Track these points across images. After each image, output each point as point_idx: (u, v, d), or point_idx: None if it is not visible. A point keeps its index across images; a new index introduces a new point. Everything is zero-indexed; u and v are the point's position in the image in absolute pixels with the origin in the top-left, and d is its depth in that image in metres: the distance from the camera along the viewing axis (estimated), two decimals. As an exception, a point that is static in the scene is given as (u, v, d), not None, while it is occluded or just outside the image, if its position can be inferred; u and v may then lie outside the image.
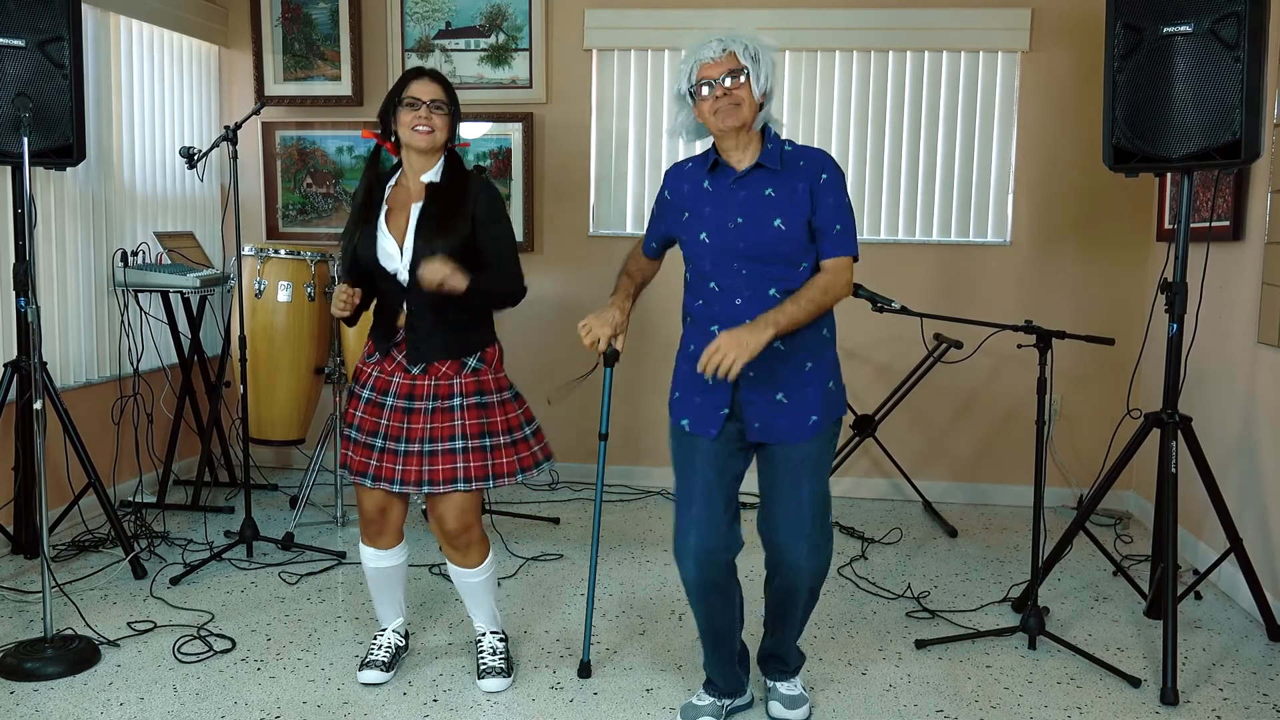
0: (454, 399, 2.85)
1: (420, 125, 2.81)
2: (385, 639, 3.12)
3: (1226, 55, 3.00)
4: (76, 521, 4.21)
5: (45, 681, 2.98)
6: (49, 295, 4.21)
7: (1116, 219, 4.84)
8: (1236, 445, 3.82)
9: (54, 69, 3.49)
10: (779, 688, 2.88)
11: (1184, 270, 3.25)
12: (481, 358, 2.90)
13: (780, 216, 2.54)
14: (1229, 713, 2.93)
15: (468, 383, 2.86)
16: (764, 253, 2.55)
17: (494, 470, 2.86)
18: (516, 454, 2.91)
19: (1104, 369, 4.88)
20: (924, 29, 4.82)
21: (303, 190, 5.28)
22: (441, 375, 2.86)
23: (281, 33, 5.19)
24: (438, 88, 2.85)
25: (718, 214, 2.59)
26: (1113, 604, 3.72)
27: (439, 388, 2.85)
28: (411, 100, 2.82)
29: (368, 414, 2.90)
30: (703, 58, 2.53)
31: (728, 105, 2.51)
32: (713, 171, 2.63)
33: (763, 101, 2.58)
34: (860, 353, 5.02)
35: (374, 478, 2.86)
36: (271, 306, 4.34)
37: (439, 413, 2.84)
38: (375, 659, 3.06)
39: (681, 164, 2.75)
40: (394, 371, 2.88)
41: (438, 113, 2.83)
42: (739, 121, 2.53)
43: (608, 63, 5.05)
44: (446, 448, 2.83)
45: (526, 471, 2.93)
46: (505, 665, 3.04)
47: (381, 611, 3.14)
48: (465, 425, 2.84)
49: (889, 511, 4.86)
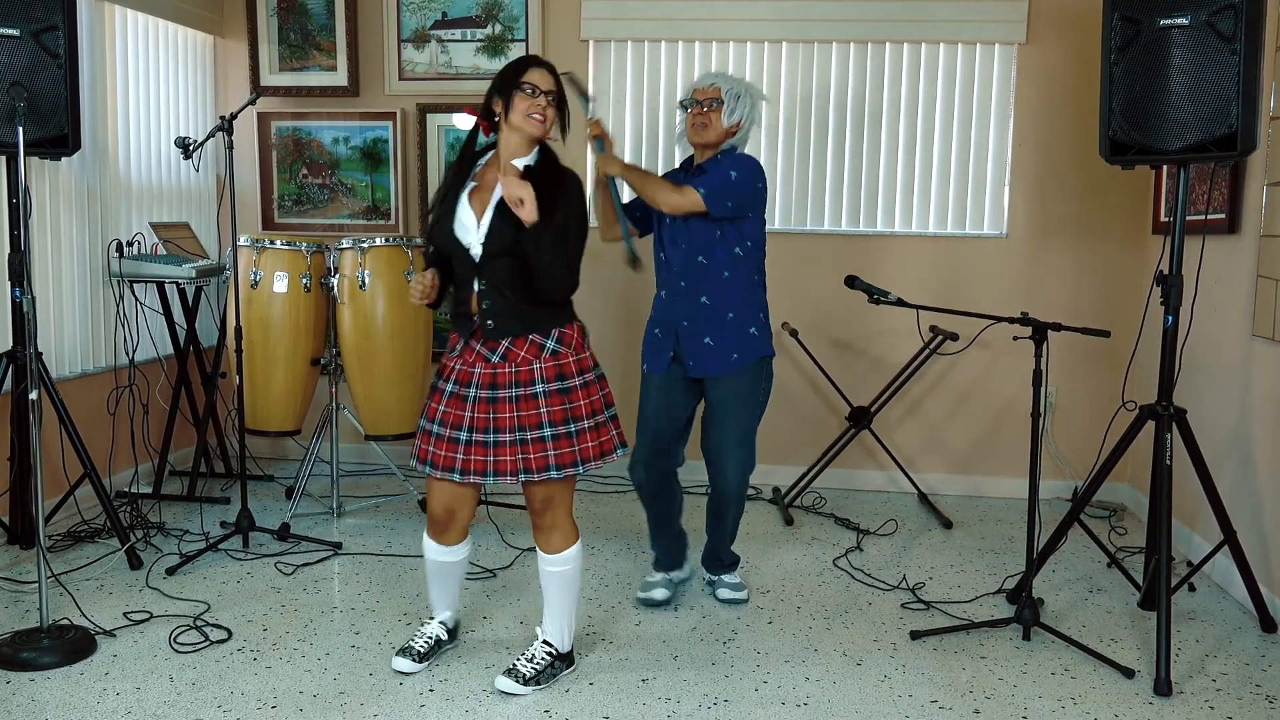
0: (536, 385, 2.84)
1: (535, 114, 2.83)
2: (430, 629, 3.12)
3: (1223, 48, 3.00)
4: (72, 512, 4.20)
5: (41, 671, 2.99)
6: (44, 285, 4.21)
7: (1112, 211, 4.85)
8: (1231, 437, 3.83)
9: (49, 58, 3.48)
10: (722, 578, 3.63)
11: (1179, 263, 3.25)
12: (560, 339, 2.88)
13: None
14: (1222, 703, 2.94)
15: (548, 368, 2.85)
16: (692, 229, 3.40)
17: (580, 455, 2.86)
18: (599, 438, 2.90)
19: (1099, 361, 4.89)
20: (920, 21, 4.82)
21: (299, 181, 5.28)
22: (521, 361, 2.84)
23: (277, 23, 5.18)
24: (553, 80, 2.87)
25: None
26: (1107, 595, 3.73)
27: (520, 374, 2.84)
28: (531, 87, 2.83)
29: (451, 408, 2.88)
30: (699, 84, 3.43)
31: (699, 123, 3.39)
32: (687, 172, 3.49)
33: (734, 131, 3.40)
34: (856, 345, 5.02)
35: (461, 471, 2.84)
36: (267, 297, 4.33)
37: (523, 400, 2.83)
38: (412, 647, 3.06)
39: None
40: (475, 363, 2.87)
41: (552, 105, 2.85)
42: (702, 139, 3.40)
43: (605, 53, 5.05)
44: (535, 435, 2.83)
45: (607, 456, 2.92)
46: (530, 674, 2.93)
47: (434, 599, 3.13)
48: (550, 412, 2.84)
49: (884, 503, 4.87)
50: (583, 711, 2.84)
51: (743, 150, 3.46)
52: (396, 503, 4.69)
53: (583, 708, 2.86)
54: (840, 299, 4.93)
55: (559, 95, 2.88)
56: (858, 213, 4.99)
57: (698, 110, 3.38)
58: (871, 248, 4.98)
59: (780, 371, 5.08)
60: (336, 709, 2.82)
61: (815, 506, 4.77)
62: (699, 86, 3.40)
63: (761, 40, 4.94)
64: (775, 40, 4.94)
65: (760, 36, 4.93)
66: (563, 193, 2.83)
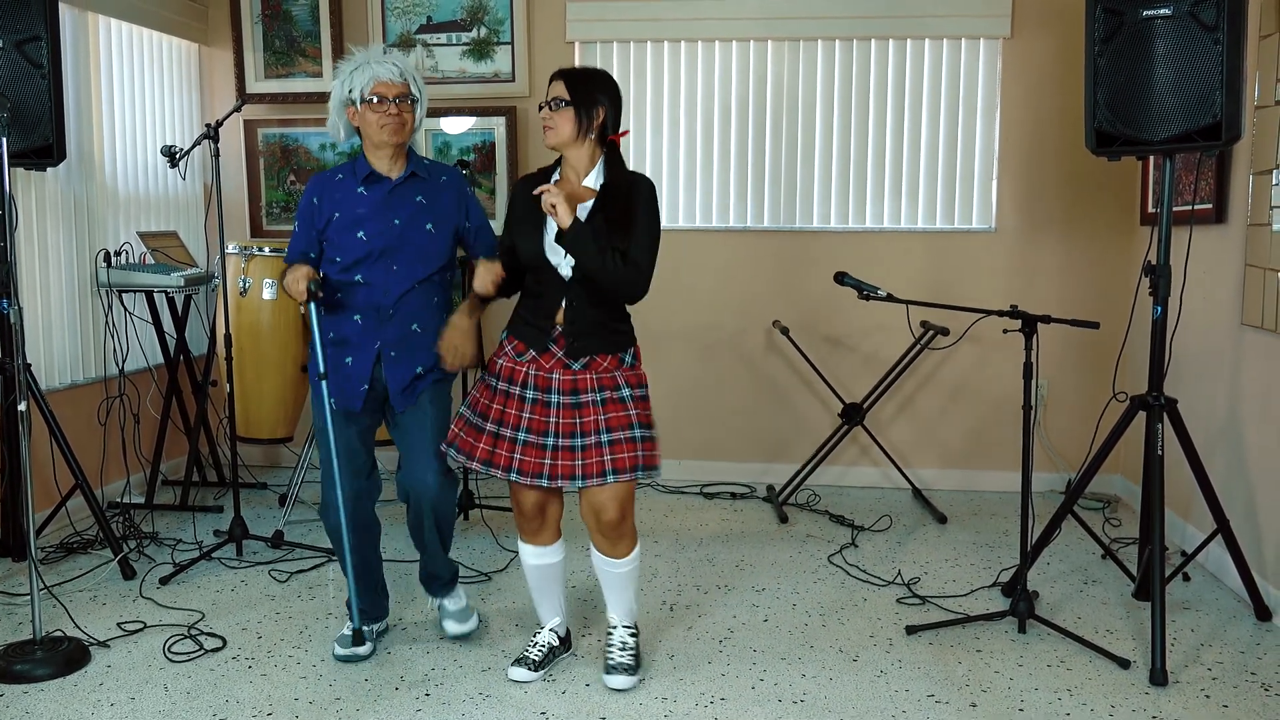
0: (623, 389, 2.86)
1: (546, 126, 2.85)
2: (542, 637, 3.11)
3: (1206, 38, 3.01)
4: (64, 524, 4.19)
5: (35, 684, 2.97)
6: (32, 297, 4.19)
7: (1100, 203, 4.86)
8: (1222, 427, 3.84)
9: (32, 69, 3.47)
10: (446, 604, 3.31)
11: (1167, 253, 3.26)
12: (634, 354, 2.93)
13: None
14: (1218, 692, 2.95)
15: (628, 375, 2.89)
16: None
17: (653, 461, 2.90)
18: (657, 448, 2.93)
19: (1090, 353, 4.90)
20: (905, 17, 4.83)
21: (286, 187, 5.26)
22: (604, 370, 2.86)
23: (262, 30, 5.17)
24: (560, 84, 2.84)
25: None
26: (1101, 587, 3.74)
27: (603, 379, 2.85)
28: (541, 103, 2.87)
29: (536, 414, 2.86)
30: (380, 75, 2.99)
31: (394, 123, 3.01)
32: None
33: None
34: (847, 341, 5.03)
35: (549, 477, 2.84)
36: (256, 304, 4.32)
37: (610, 403, 2.85)
38: (527, 656, 3.06)
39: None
40: (553, 368, 2.86)
41: (560, 109, 2.82)
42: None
43: (590, 55, 5.05)
44: (626, 436, 2.84)
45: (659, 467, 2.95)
46: (633, 662, 2.99)
47: (541, 609, 3.13)
48: (638, 414, 2.87)
49: (878, 499, 4.88)
50: (579, 712, 2.83)
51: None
52: (389, 508, 4.68)
53: (579, 708, 2.85)
54: (830, 296, 4.93)
55: (575, 97, 2.82)
56: (846, 209, 5.00)
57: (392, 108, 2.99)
58: (861, 244, 4.98)
59: (772, 369, 5.09)
60: (332, 715, 2.81)
61: (810, 504, 4.77)
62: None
63: (747, 39, 4.95)
64: (761, 39, 4.94)
65: (746, 35, 4.93)
66: (631, 207, 2.82)
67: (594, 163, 2.88)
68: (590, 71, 2.89)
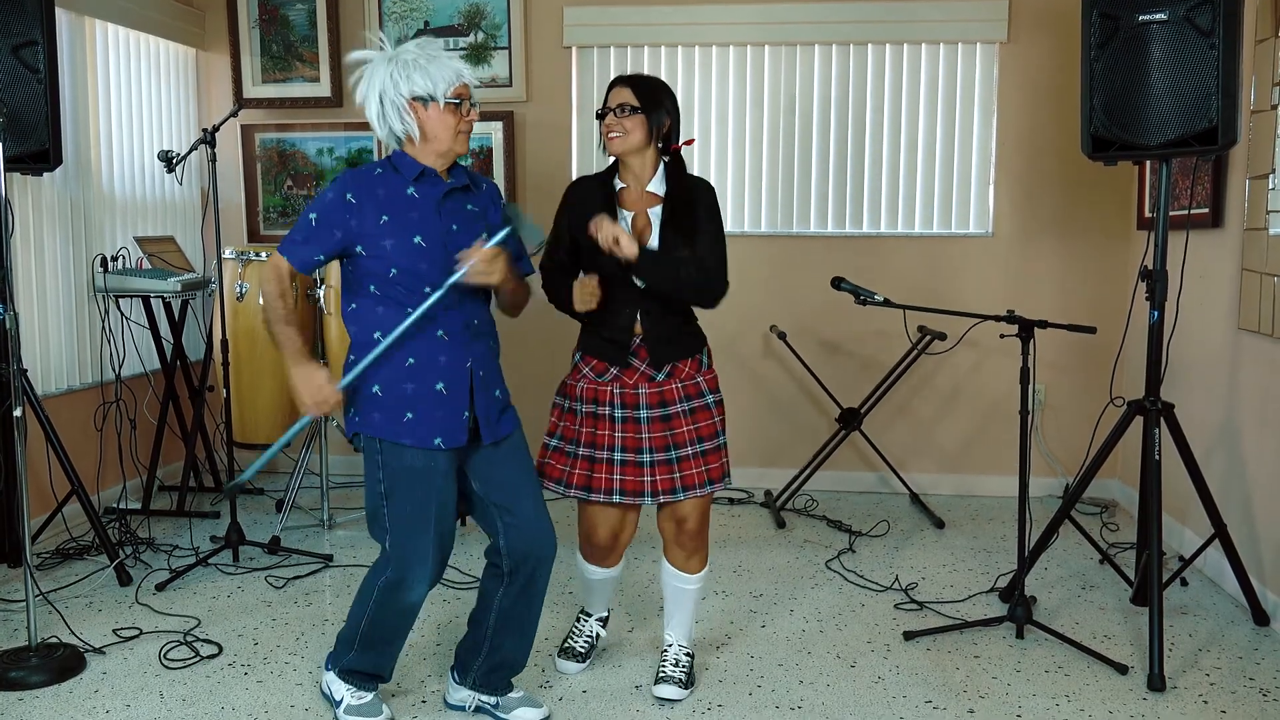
0: (706, 395, 2.87)
1: (612, 133, 2.79)
2: (589, 626, 3.16)
3: (1202, 42, 3.01)
4: (60, 529, 4.18)
5: (30, 690, 2.96)
6: (28, 302, 4.18)
7: (1097, 208, 4.86)
8: (1219, 431, 3.84)
9: (28, 74, 3.46)
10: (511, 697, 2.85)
11: (1164, 258, 3.26)
12: (708, 353, 2.93)
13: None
14: (1216, 697, 2.95)
15: (708, 379, 2.89)
16: None
17: (728, 468, 2.92)
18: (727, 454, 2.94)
19: (1087, 358, 4.90)
20: (902, 22, 4.83)
21: (284, 192, 5.26)
22: (686, 376, 2.85)
23: (259, 35, 5.17)
24: (627, 91, 2.78)
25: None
26: (1099, 592, 3.74)
27: (688, 388, 2.85)
28: (604, 110, 2.81)
29: (628, 431, 2.83)
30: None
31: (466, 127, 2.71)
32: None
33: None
34: (844, 346, 5.02)
35: (651, 493, 2.82)
36: (253, 309, 4.31)
37: (699, 411, 2.85)
38: (574, 647, 3.12)
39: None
40: (638, 383, 2.83)
41: (629, 115, 2.76)
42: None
43: (587, 60, 5.05)
44: (713, 445, 2.86)
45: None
46: (685, 677, 2.96)
47: (591, 601, 3.17)
48: (721, 421, 2.89)
49: (876, 504, 4.87)
50: (577, 718, 2.82)
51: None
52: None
53: (576, 716, 2.85)
54: (827, 301, 4.92)
55: (644, 104, 2.76)
56: (844, 214, 5.00)
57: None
58: (858, 249, 4.98)
59: (769, 374, 5.09)
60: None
61: (807, 509, 4.76)
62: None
63: (744, 44, 4.95)
64: (758, 44, 4.94)
65: (743, 40, 4.93)
66: (697, 211, 2.81)
67: (655, 169, 2.85)
68: (653, 78, 2.86)
